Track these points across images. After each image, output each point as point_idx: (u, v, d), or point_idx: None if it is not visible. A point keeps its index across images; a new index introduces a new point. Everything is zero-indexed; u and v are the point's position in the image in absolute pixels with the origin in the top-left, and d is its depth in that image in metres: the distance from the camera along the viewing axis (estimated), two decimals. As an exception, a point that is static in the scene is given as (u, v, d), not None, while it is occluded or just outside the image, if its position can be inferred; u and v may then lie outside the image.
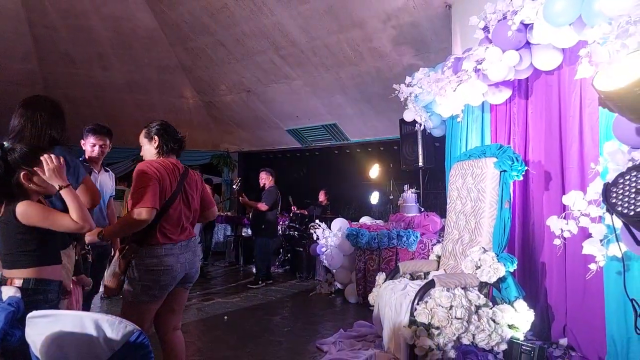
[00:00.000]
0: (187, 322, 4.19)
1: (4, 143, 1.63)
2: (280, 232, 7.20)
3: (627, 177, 1.63)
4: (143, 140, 2.37)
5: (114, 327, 1.20)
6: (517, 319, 2.92)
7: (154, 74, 8.09)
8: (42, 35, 7.12)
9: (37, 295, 1.60)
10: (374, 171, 7.65)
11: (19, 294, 1.53)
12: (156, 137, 2.32)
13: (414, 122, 4.66)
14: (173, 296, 2.30)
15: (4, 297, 1.52)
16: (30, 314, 1.25)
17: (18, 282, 1.57)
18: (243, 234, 8.18)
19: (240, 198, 6.14)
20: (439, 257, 3.76)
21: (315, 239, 5.78)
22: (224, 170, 10.46)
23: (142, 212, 2.01)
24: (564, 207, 2.92)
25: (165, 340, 2.34)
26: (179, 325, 2.42)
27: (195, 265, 2.34)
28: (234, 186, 6.41)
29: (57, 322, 1.21)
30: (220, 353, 3.36)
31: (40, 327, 1.23)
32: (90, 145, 2.90)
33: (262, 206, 5.92)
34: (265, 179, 6.17)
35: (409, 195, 5.51)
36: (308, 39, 6.36)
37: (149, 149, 2.35)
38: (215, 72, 7.88)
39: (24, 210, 1.60)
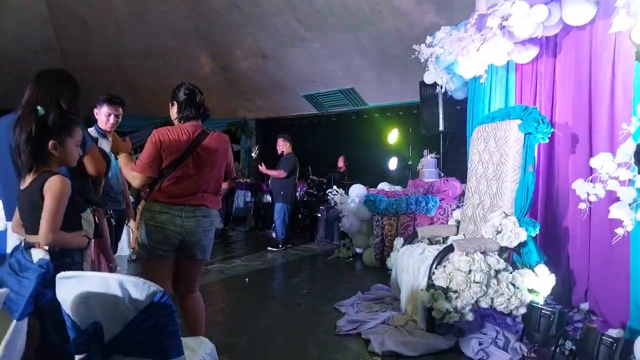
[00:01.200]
0: (210, 282, 4.33)
1: (38, 107, 1.64)
2: (298, 198, 7.25)
3: (663, 137, 1.55)
4: (170, 103, 2.40)
5: (138, 288, 1.22)
6: (538, 283, 2.90)
7: (170, 40, 8.00)
8: (57, 1, 7.06)
9: (65, 259, 1.64)
10: (393, 136, 7.53)
11: (47, 256, 1.57)
12: (176, 103, 2.35)
13: (435, 84, 4.53)
14: (179, 265, 2.32)
15: (35, 259, 1.56)
16: (59, 275, 1.28)
17: (45, 246, 1.62)
18: (262, 200, 8.28)
19: (259, 167, 6.17)
20: (458, 222, 3.73)
21: (333, 204, 5.80)
22: (242, 138, 10.47)
23: (135, 177, 2.22)
24: (591, 171, 2.82)
25: (181, 303, 2.37)
26: (194, 289, 2.42)
27: (196, 235, 2.26)
28: (253, 154, 6.43)
29: (84, 283, 1.25)
30: (241, 313, 3.46)
31: (69, 287, 1.27)
32: (105, 115, 2.92)
33: (281, 173, 5.95)
34: (283, 146, 6.16)
35: (429, 160, 5.43)
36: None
37: (172, 113, 2.39)
38: (231, 37, 7.74)
39: (53, 187, 1.62)
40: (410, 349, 2.72)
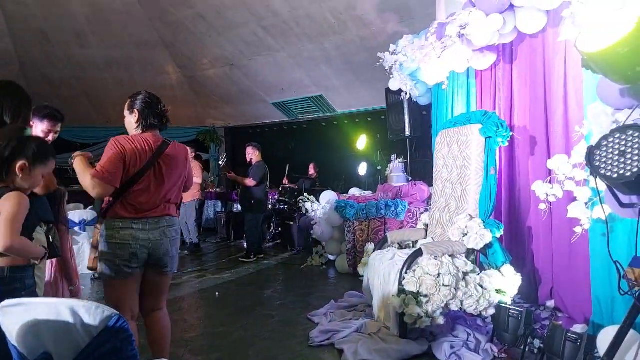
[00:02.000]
0: (178, 297, 4.22)
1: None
2: (270, 206, 7.19)
3: (611, 140, 1.62)
4: (126, 111, 2.29)
5: (91, 313, 1.17)
6: (505, 283, 2.97)
7: (134, 51, 7.84)
8: (14, 12, 6.81)
9: (14, 284, 1.56)
10: (362, 142, 7.60)
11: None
12: (137, 111, 2.24)
13: (400, 91, 4.61)
14: (146, 279, 2.25)
15: None
16: (2, 304, 1.21)
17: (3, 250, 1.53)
18: (233, 210, 8.17)
19: (227, 174, 6.08)
20: (426, 225, 3.78)
21: (304, 212, 5.78)
22: (211, 147, 10.35)
23: (96, 185, 1.99)
24: (549, 172, 2.92)
25: (146, 321, 2.32)
26: (161, 306, 2.36)
27: (163, 247, 2.20)
28: (220, 162, 6.33)
29: (31, 311, 1.18)
30: (213, 328, 3.39)
31: (15, 316, 1.20)
32: (43, 132, 2.59)
33: (250, 182, 5.87)
34: (252, 154, 6.09)
35: (397, 165, 5.50)
36: (290, 9, 6.18)
37: (129, 122, 2.28)
38: (196, 47, 7.66)
39: (12, 197, 1.56)
40: (384, 356, 2.72)
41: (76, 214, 5.23)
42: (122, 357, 1.22)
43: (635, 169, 1.52)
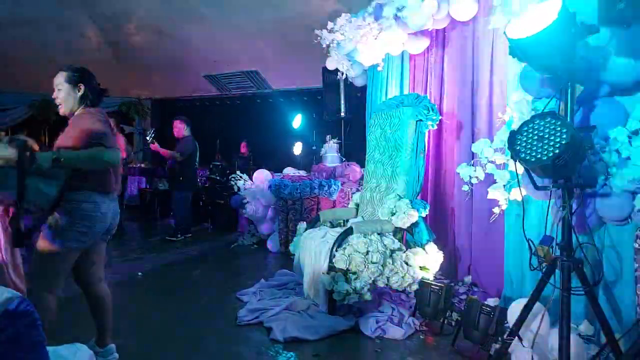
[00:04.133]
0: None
1: None
2: (199, 184, 6.93)
3: (531, 125, 1.71)
4: (64, 84, 2.18)
5: None
6: (428, 260, 3.12)
7: (46, 7, 7.01)
8: None
9: None
10: (297, 121, 7.54)
11: None
12: (82, 85, 2.20)
13: (337, 70, 4.59)
14: (94, 248, 2.27)
15: None
16: None
17: None
18: (159, 187, 7.78)
19: (151, 145, 5.70)
20: (357, 205, 3.85)
21: (236, 190, 5.64)
22: (136, 119, 9.71)
23: (116, 154, 2.08)
24: (473, 155, 3.08)
25: (92, 292, 2.33)
26: (104, 277, 2.39)
27: (118, 216, 2.33)
28: (148, 137, 5.95)
29: None
30: (136, 311, 3.22)
31: None
32: None
33: (175, 155, 5.57)
34: (180, 128, 5.78)
35: (331, 145, 5.52)
36: (225, -24, 5.87)
37: (71, 96, 2.19)
38: (121, 10, 7.03)
39: None
40: (312, 333, 2.75)
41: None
42: (26, 344, 1.09)
43: (551, 153, 1.62)
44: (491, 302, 2.64)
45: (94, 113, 2.16)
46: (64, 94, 2.18)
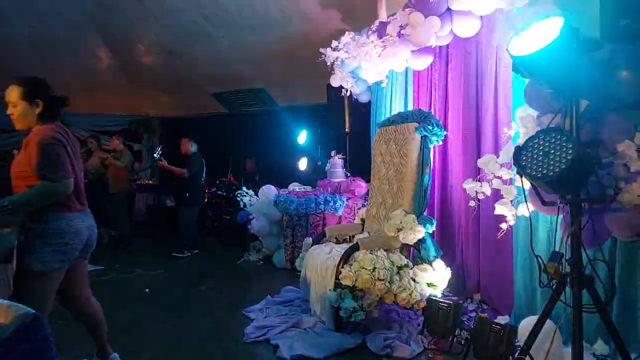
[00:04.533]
0: (106, 294, 3.92)
1: None
2: (206, 200, 6.96)
3: (536, 141, 1.71)
4: (18, 100, 2.08)
5: (2, 312, 1.04)
6: (436, 277, 3.08)
7: (61, 31, 7.18)
8: None
9: None
10: (302, 137, 7.58)
11: None
12: (39, 101, 2.10)
13: (341, 87, 4.62)
14: (76, 267, 2.25)
15: None
16: None
17: None
18: (166, 204, 7.81)
19: (159, 162, 5.79)
20: (363, 220, 3.84)
21: (242, 206, 5.65)
22: (144, 137, 9.82)
23: (67, 184, 2.04)
24: (479, 171, 3.07)
25: (84, 311, 2.34)
26: (90, 294, 2.40)
27: (95, 231, 2.31)
28: (155, 155, 6.04)
29: None
30: (143, 327, 3.20)
31: None
32: None
33: (182, 172, 5.66)
34: (187, 145, 5.87)
35: (336, 160, 5.54)
36: (233, -1, 5.99)
37: (29, 114, 2.10)
38: (131, 31, 7.17)
39: None
40: (319, 350, 2.72)
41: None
42: (40, 359, 1.10)
43: (557, 169, 1.61)
44: (501, 320, 2.60)
45: (48, 133, 2.04)
46: (20, 112, 2.08)
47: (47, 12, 6.73)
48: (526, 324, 2.18)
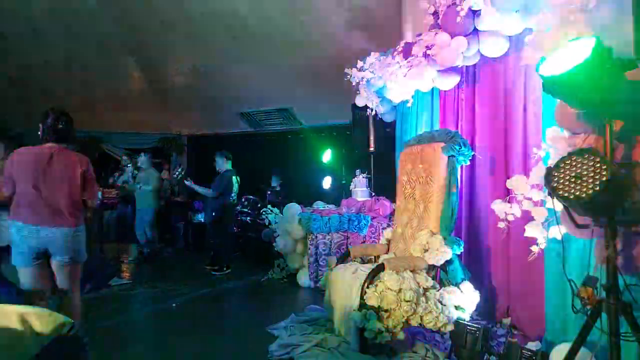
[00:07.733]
0: (134, 309, 4.02)
1: None
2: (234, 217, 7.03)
3: (568, 162, 1.67)
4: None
5: (43, 320, 1.08)
6: (463, 300, 3.01)
7: (95, 52, 7.55)
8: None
9: None
10: (327, 156, 7.63)
11: None
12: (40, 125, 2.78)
13: (366, 107, 4.65)
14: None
15: None
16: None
17: None
18: (194, 221, 7.94)
19: (184, 181, 5.86)
20: (389, 240, 3.80)
21: (267, 224, 5.69)
22: (173, 155, 10.09)
23: None
24: (508, 191, 3.01)
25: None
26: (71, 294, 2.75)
27: (53, 243, 2.64)
28: (175, 175, 6.22)
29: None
30: (169, 342, 3.24)
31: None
32: None
33: (208, 192, 5.70)
34: (219, 162, 5.88)
35: (360, 179, 5.54)
36: (260, 22, 6.16)
37: None
38: (163, 53, 7.48)
39: None
40: (343, 372, 2.68)
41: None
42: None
43: (591, 191, 1.57)
44: (532, 346, 2.51)
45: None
46: None
47: (83, 34, 7.09)
48: (558, 352, 2.09)
